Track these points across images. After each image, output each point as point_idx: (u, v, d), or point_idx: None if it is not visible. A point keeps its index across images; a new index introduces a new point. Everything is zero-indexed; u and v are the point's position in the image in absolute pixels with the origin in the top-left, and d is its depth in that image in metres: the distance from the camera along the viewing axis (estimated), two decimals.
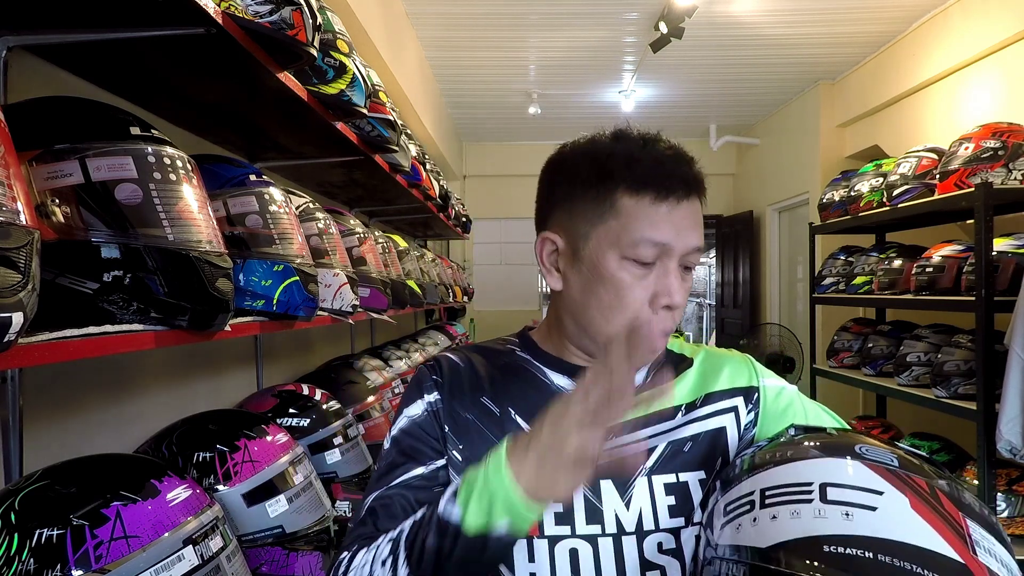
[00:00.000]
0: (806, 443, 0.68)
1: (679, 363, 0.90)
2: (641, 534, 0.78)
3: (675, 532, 0.79)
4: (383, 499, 0.78)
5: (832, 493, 0.58)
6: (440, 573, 0.65)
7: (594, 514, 0.79)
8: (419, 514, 0.70)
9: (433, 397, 0.84)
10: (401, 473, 0.79)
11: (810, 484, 0.60)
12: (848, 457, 0.63)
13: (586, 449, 0.62)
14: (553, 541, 0.78)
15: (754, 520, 0.61)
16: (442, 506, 0.66)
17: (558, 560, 0.77)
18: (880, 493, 0.57)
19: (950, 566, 0.52)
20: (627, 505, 0.79)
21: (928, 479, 0.60)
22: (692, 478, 0.81)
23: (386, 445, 0.84)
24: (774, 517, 0.60)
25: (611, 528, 0.78)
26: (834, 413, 0.89)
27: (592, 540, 0.78)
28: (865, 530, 0.54)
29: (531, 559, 0.78)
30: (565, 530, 0.78)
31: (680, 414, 0.84)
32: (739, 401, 0.87)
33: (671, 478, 0.81)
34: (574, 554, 0.77)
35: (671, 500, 0.79)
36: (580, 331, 0.83)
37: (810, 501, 0.58)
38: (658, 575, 0.77)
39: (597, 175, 0.78)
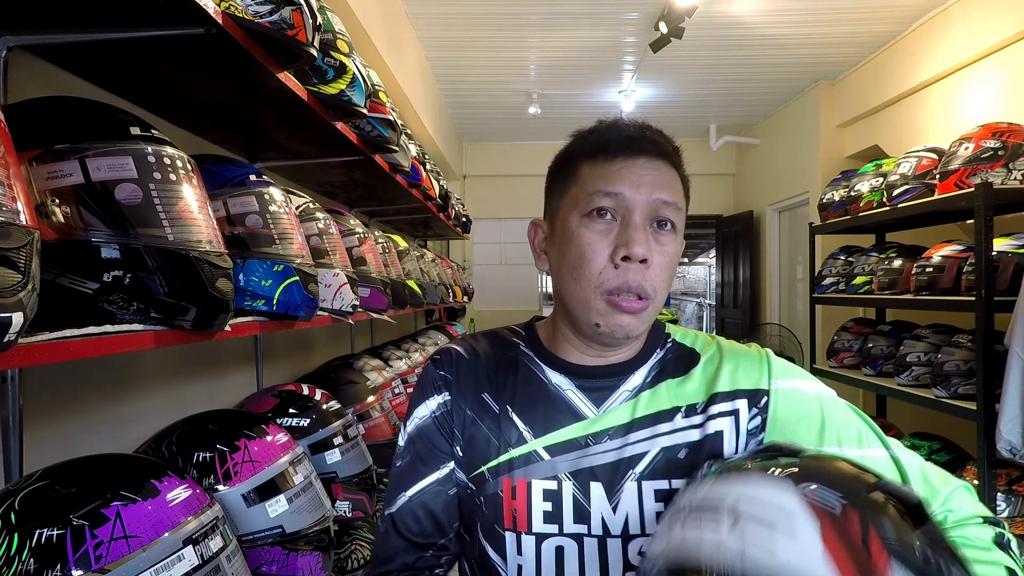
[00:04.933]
0: (750, 466, 0.64)
1: (687, 358, 0.86)
2: (626, 538, 0.78)
3: None
4: (402, 514, 0.85)
5: (743, 521, 0.57)
6: None
7: (582, 515, 0.79)
8: None
9: (443, 398, 0.87)
10: (417, 480, 0.86)
11: (722, 504, 0.59)
12: (784, 489, 0.58)
13: None
14: (541, 538, 0.80)
15: (671, 531, 0.62)
16: None
17: (544, 555, 0.80)
18: (793, 536, 0.54)
19: None
20: (614, 509, 0.79)
21: (867, 520, 0.54)
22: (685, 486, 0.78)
23: (401, 442, 0.88)
24: (683, 537, 0.60)
25: (597, 530, 0.79)
26: (873, 426, 0.80)
27: (578, 539, 0.79)
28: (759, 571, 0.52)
29: (519, 552, 0.81)
30: (553, 528, 0.80)
31: (679, 416, 0.81)
32: (742, 404, 0.80)
33: (662, 484, 0.79)
34: (560, 551, 0.79)
35: (660, 507, 0.78)
36: (565, 314, 0.84)
37: (718, 526, 0.58)
38: None
39: (566, 155, 0.84)
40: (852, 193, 3.46)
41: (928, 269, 2.81)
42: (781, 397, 0.80)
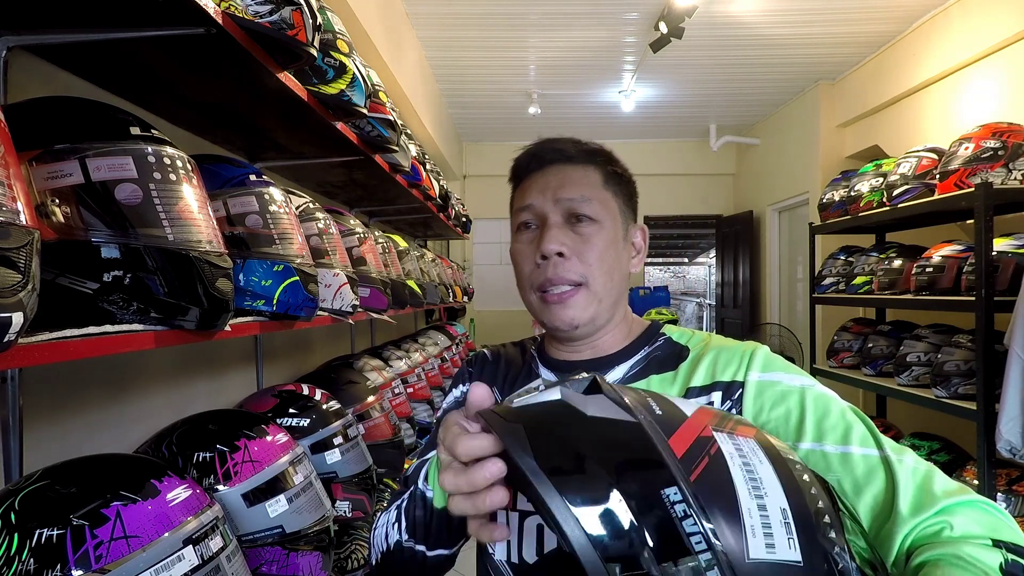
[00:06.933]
0: None
1: (677, 355, 0.87)
2: None
3: None
4: (413, 474, 0.93)
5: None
6: (427, 536, 0.80)
7: None
8: (411, 489, 0.84)
9: (464, 388, 0.99)
10: (429, 450, 0.95)
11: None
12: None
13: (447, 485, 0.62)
14: (524, 515, 0.83)
15: None
16: (420, 482, 0.81)
17: (526, 531, 0.83)
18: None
19: (674, 416, 0.54)
20: None
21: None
22: None
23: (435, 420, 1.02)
24: None
25: None
26: (875, 431, 0.74)
27: None
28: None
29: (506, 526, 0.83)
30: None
31: None
32: (716, 397, 0.80)
33: None
34: (540, 528, 0.82)
35: None
36: None
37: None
38: None
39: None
40: (852, 193, 3.46)
41: (928, 269, 2.81)
42: (756, 389, 0.78)
